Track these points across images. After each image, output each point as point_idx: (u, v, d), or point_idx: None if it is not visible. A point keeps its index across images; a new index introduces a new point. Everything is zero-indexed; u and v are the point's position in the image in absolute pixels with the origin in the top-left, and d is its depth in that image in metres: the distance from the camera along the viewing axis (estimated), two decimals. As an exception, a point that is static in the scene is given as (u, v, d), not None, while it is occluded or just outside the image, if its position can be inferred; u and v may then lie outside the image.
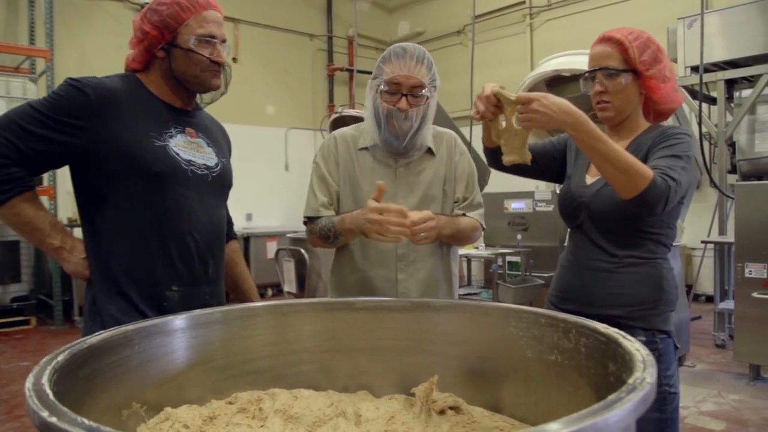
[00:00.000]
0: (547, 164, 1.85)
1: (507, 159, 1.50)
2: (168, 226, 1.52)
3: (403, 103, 1.70)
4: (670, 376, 1.59)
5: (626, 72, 1.61)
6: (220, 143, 1.73)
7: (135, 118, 1.49)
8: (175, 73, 1.55)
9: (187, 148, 1.57)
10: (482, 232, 1.90)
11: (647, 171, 1.43)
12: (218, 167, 1.64)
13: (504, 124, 1.50)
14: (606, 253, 1.65)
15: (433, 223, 1.56)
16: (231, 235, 1.82)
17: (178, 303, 1.51)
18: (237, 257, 1.85)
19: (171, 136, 1.54)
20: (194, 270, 1.56)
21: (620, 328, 1.49)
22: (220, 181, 1.65)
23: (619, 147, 1.46)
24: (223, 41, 1.57)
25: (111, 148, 1.45)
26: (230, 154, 1.79)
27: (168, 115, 1.57)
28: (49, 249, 1.50)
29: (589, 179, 1.71)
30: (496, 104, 1.47)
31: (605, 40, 1.66)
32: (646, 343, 1.53)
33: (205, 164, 1.60)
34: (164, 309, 1.49)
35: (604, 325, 1.06)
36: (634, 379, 0.77)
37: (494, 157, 1.77)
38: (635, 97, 1.65)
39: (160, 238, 1.51)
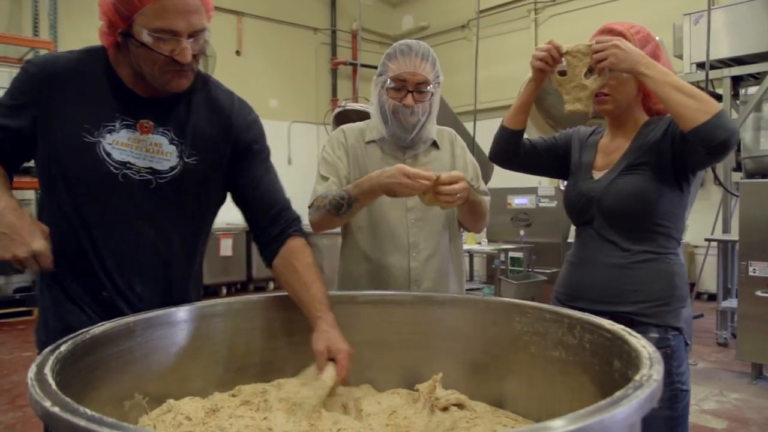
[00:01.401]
0: (551, 160, 1.85)
1: (570, 108, 1.59)
2: (89, 239, 1.30)
3: (408, 99, 1.73)
4: (681, 374, 1.58)
5: None
6: (202, 134, 1.38)
7: (77, 104, 1.28)
8: (134, 65, 1.28)
9: (127, 146, 1.30)
10: (487, 222, 1.90)
11: (716, 101, 1.45)
12: (175, 170, 1.33)
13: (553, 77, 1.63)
14: (618, 248, 1.64)
15: (464, 183, 1.55)
16: (288, 231, 1.42)
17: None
18: (297, 260, 1.37)
19: (111, 131, 1.29)
20: (117, 286, 1.33)
21: (633, 325, 1.51)
22: (173, 188, 1.33)
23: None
24: (195, 32, 1.23)
25: (43, 134, 1.28)
26: (249, 152, 1.46)
27: (118, 104, 1.30)
28: None
29: (597, 174, 1.71)
30: (555, 58, 1.60)
31: (607, 31, 1.66)
32: (659, 340, 1.55)
33: (150, 167, 1.31)
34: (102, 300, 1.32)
35: (610, 322, 1.06)
36: (641, 376, 0.76)
37: (515, 140, 1.79)
38: (634, 91, 1.65)
39: (91, 242, 1.30)
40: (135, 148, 1.30)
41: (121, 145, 1.29)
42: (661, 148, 1.59)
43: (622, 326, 1.02)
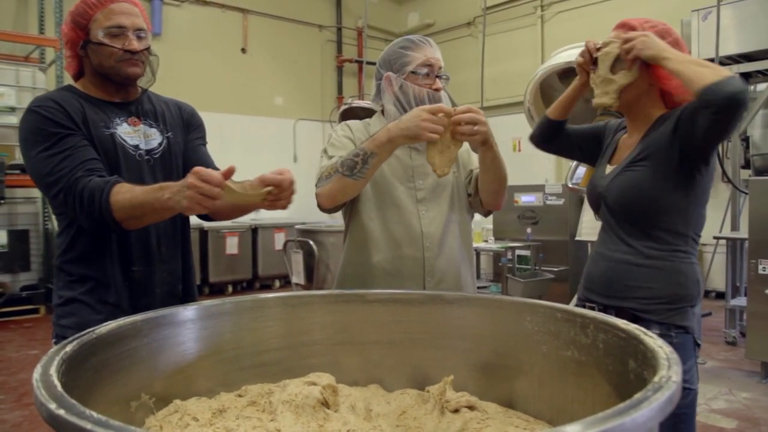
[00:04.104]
0: (584, 147, 1.92)
1: (596, 101, 1.67)
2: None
3: (437, 83, 1.79)
4: (685, 371, 1.57)
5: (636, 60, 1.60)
6: (167, 117, 1.71)
7: (86, 116, 1.54)
8: (96, 68, 1.57)
9: (132, 134, 1.61)
10: (504, 196, 1.86)
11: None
12: (161, 147, 1.65)
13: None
14: (624, 243, 1.66)
15: (482, 117, 1.56)
16: None
17: (139, 282, 1.58)
18: None
19: (117, 125, 1.59)
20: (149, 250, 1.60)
21: (636, 322, 1.50)
22: (164, 163, 1.64)
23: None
24: (138, 30, 1.57)
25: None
26: (187, 127, 1.75)
27: (108, 109, 1.60)
28: (166, 206, 1.36)
29: (609, 169, 1.72)
30: (591, 51, 1.70)
31: (621, 26, 1.69)
32: (660, 337, 1.54)
33: (146, 149, 1.62)
34: (125, 289, 1.56)
35: (624, 321, 1.04)
36: (660, 378, 0.74)
37: (555, 129, 1.90)
38: (644, 86, 1.64)
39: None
40: (137, 135, 1.61)
41: (128, 133, 1.60)
42: (670, 143, 1.58)
43: (637, 326, 1.00)
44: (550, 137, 1.92)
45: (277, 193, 1.31)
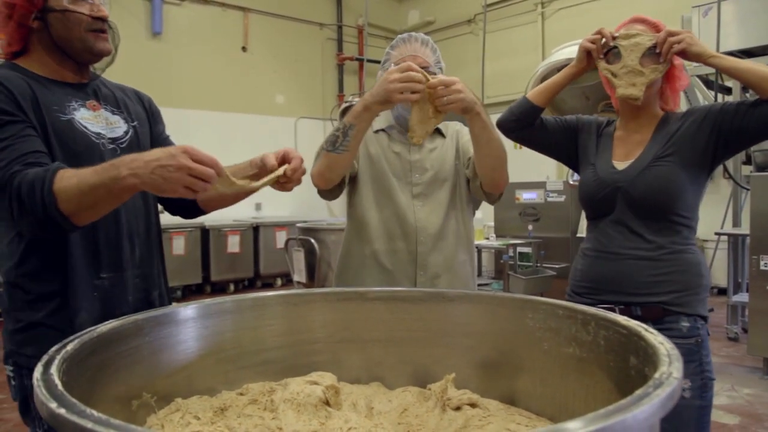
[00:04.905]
0: (560, 141, 1.85)
1: (623, 92, 1.62)
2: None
3: None
4: (709, 362, 1.62)
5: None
6: (130, 106, 1.52)
7: (38, 98, 1.31)
8: (57, 42, 1.35)
9: (93, 120, 1.39)
10: (506, 176, 1.82)
11: None
12: (127, 135, 1.44)
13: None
14: (644, 240, 1.64)
15: (460, 85, 1.53)
16: None
17: (108, 291, 1.37)
18: None
19: (75, 110, 1.37)
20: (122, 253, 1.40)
21: (665, 315, 1.53)
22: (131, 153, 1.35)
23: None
24: None
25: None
26: (153, 117, 1.58)
27: (63, 90, 1.38)
28: (122, 186, 1.12)
29: (620, 164, 1.70)
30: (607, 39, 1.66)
31: (639, 20, 1.67)
32: (690, 329, 1.59)
33: (110, 137, 1.40)
34: (93, 299, 1.34)
35: (625, 318, 1.03)
36: (661, 374, 0.74)
37: (532, 115, 1.80)
38: (659, 84, 1.65)
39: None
40: (98, 122, 1.40)
41: (88, 119, 1.38)
42: (697, 140, 1.60)
43: (638, 322, 1.00)
44: (525, 124, 1.81)
45: (291, 174, 1.25)
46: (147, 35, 8.13)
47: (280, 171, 1.23)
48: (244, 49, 9.18)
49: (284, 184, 1.27)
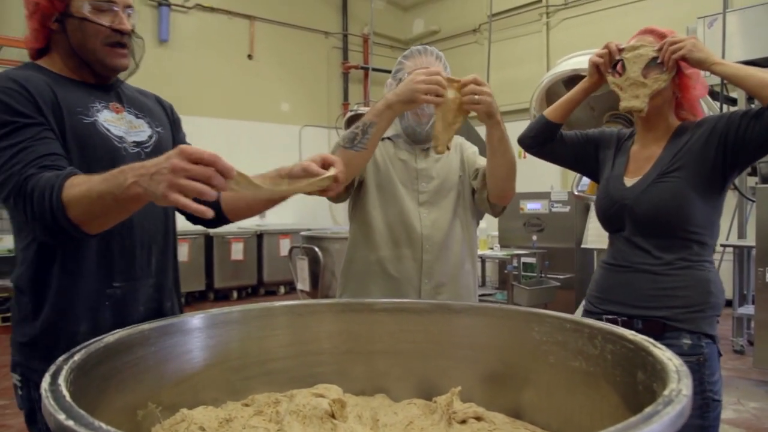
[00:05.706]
0: (583, 151, 1.86)
1: (626, 104, 1.63)
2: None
3: None
4: (714, 383, 1.56)
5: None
6: (154, 111, 1.48)
7: (59, 100, 1.27)
8: (75, 48, 1.31)
9: (117, 122, 1.35)
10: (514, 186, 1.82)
11: None
12: (152, 140, 1.41)
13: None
14: (651, 256, 1.63)
15: (488, 89, 1.56)
16: None
17: (120, 300, 1.33)
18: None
19: (98, 111, 1.33)
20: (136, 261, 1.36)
21: (665, 330, 1.50)
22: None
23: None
24: (127, 6, 1.33)
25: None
26: (175, 124, 1.54)
27: (88, 91, 1.35)
28: (128, 195, 1.02)
29: (629, 181, 1.69)
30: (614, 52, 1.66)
31: (649, 32, 1.66)
32: (692, 347, 1.55)
33: (134, 141, 1.37)
34: (103, 309, 1.31)
35: (632, 332, 1.03)
36: (670, 391, 0.73)
37: (551, 131, 1.82)
38: (669, 94, 1.63)
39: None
40: (121, 124, 1.36)
41: (111, 122, 1.34)
42: (705, 154, 1.57)
43: (646, 337, 1.00)
44: (545, 140, 1.84)
45: (341, 177, 1.19)
46: (154, 42, 8.18)
47: (332, 172, 1.18)
48: (249, 56, 9.23)
49: (327, 187, 1.20)
